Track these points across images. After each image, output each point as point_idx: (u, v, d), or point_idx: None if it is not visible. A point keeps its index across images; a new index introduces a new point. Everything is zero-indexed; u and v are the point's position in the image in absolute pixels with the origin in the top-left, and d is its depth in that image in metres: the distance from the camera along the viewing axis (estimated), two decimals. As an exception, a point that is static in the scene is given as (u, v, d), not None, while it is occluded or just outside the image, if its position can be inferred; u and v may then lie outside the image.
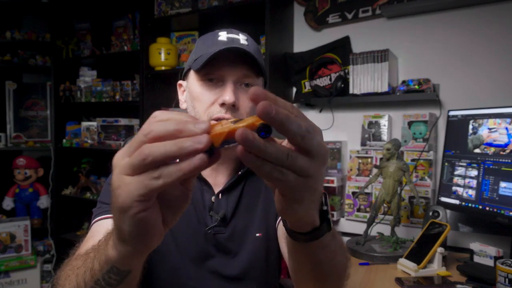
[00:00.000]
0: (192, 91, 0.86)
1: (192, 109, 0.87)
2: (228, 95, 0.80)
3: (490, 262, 1.26)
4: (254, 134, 0.36)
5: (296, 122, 0.36)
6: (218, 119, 0.81)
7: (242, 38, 0.85)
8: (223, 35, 0.84)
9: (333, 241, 0.57)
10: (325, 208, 0.52)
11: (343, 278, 0.67)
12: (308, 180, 0.39)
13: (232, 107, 0.81)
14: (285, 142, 0.41)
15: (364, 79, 1.81)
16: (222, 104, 0.81)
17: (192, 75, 0.87)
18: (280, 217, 0.88)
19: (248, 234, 0.90)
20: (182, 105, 0.94)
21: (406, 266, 1.29)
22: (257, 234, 0.90)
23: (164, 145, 0.37)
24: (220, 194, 0.89)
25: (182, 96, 0.94)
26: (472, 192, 1.38)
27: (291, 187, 0.39)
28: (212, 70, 0.82)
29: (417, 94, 1.71)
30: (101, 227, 0.75)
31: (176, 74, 2.20)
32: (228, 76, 0.82)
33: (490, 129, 1.36)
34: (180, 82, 0.95)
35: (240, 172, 0.91)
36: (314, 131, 0.38)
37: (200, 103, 0.84)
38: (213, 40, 0.84)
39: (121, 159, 0.40)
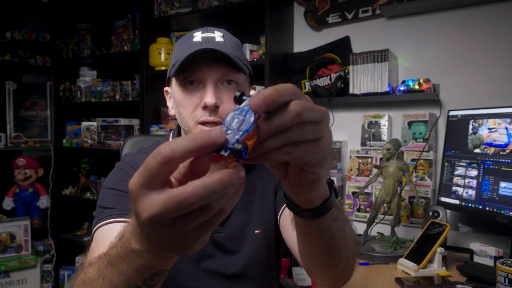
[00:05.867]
0: (175, 97, 0.85)
1: (178, 115, 0.86)
2: (208, 97, 0.79)
3: (490, 262, 1.26)
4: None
5: (279, 118, 0.36)
6: (203, 123, 0.81)
7: (217, 36, 0.83)
8: (197, 36, 0.82)
9: (340, 212, 0.58)
10: (328, 178, 0.53)
11: (356, 254, 0.67)
12: (322, 141, 0.40)
13: (215, 108, 0.80)
14: None
15: (364, 79, 1.81)
16: (205, 107, 0.80)
17: (174, 81, 0.86)
18: (283, 207, 0.88)
19: (247, 231, 0.90)
20: (170, 111, 0.92)
21: (406, 266, 1.29)
22: (256, 231, 0.90)
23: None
24: None
25: (169, 103, 0.93)
26: (472, 192, 1.38)
27: (310, 153, 0.40)
28: (190, 74, 0.81)
29: (417, 94, 1.71)
30: (106, 234, 0.73)
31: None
32: (207, 77, 0.81)
33: (490, 129, 1.36)
34: (166, 88, 0.94)
35: None
36: (304, 103, 0.37)
37: (184, 108, 0.83)
38: (188, 43, 0.82)
39: (151, 199, 0.34)
